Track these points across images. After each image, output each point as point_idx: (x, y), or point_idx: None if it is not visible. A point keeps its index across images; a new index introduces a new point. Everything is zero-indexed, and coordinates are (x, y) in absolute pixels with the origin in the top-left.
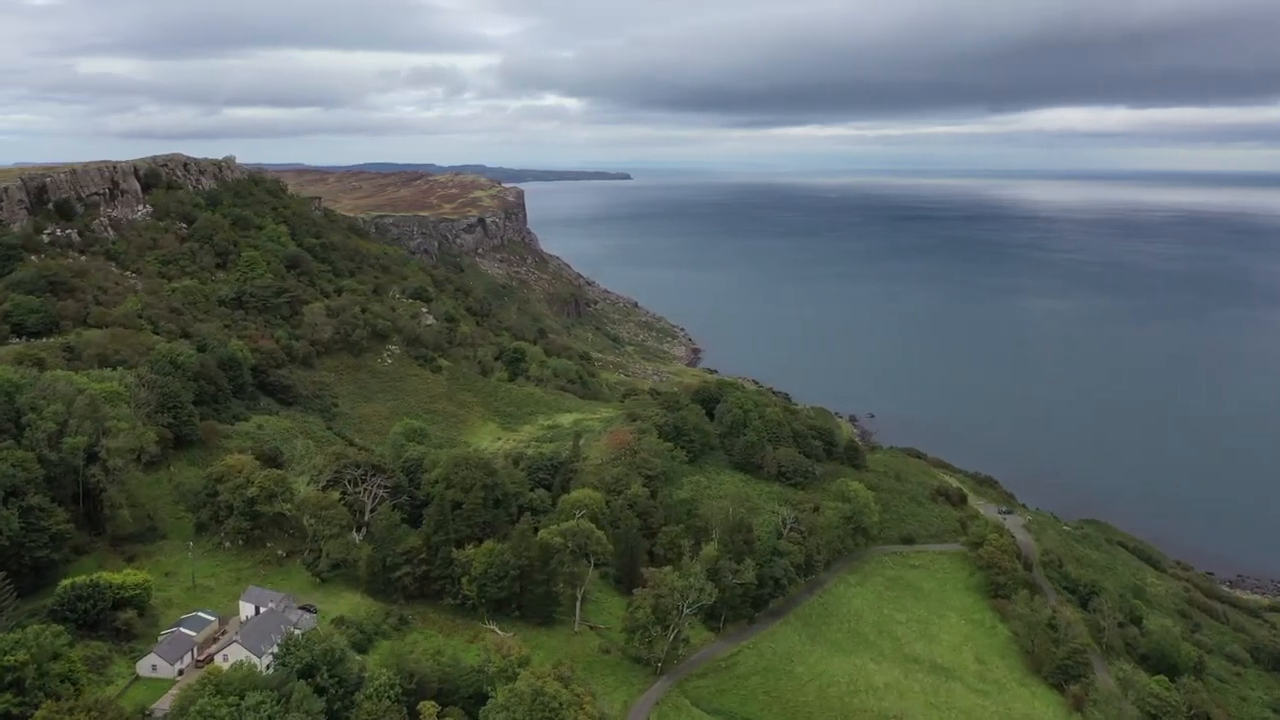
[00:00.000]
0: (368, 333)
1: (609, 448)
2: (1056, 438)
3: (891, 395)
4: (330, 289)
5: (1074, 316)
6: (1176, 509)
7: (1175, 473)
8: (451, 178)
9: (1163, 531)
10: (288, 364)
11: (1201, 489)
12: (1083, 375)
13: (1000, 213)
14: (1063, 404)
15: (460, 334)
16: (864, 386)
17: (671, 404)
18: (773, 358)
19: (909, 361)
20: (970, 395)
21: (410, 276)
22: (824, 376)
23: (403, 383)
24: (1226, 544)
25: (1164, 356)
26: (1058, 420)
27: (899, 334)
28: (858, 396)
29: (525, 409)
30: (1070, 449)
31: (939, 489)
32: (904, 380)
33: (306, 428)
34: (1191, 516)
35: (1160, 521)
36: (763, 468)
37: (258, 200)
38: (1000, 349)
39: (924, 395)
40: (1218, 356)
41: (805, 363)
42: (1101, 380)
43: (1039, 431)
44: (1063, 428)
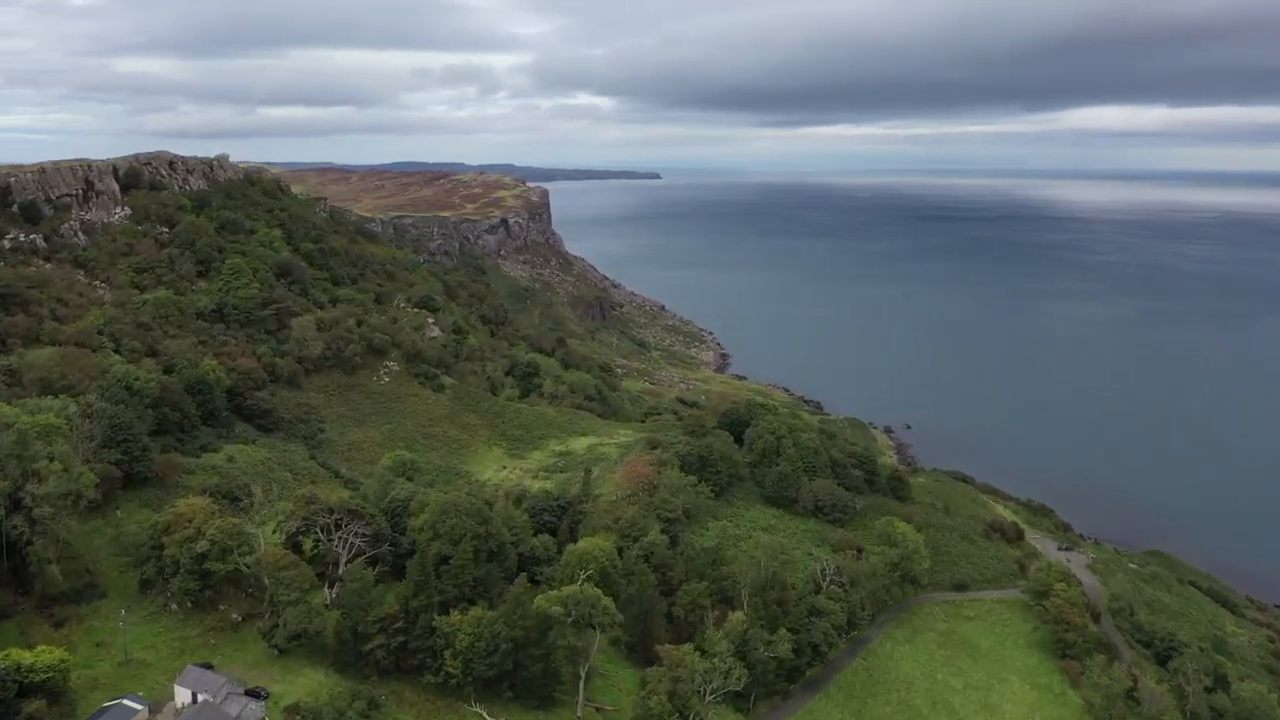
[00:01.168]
0: (362, 348)
1: (625, 482)
2: (1108, 454)
3: (928, 405)
4: (325, 299)
5: (1117, 321)
6: (1240, 533)
7: (1237, 492)
8: (475, 177)
9: (1230, 559)
10: (269, 384)
11: (1265, 510)
12: (1133, 385)
13: (1035, 213)
14: (1112, 416)
15: (468, 347)
16: (899, 395)
17: (696, 428)
18: (803, 364)
19: (945, 368)
20: (1012, 405)
21: (418, 283)
22: (857, 384)
23: (400, 403)
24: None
25: (1215, 365)
26: (1108, 434)
27: (934, 339)
28: (893, 406)
29: (536, 432)
30: (1124, 467)
31: (992, 523)
32: (941, 388)
33: (286, 458)
34: (1257, 541)
35: (1226, 548)
36: (797, 502)
37: (252, 202)
38: (1042, 355)
39: (963, 405)
40: (1276, 366)
41: (837, 369)
42: (1153, 391)
43: (1089, 447)
44: (1114, 442)
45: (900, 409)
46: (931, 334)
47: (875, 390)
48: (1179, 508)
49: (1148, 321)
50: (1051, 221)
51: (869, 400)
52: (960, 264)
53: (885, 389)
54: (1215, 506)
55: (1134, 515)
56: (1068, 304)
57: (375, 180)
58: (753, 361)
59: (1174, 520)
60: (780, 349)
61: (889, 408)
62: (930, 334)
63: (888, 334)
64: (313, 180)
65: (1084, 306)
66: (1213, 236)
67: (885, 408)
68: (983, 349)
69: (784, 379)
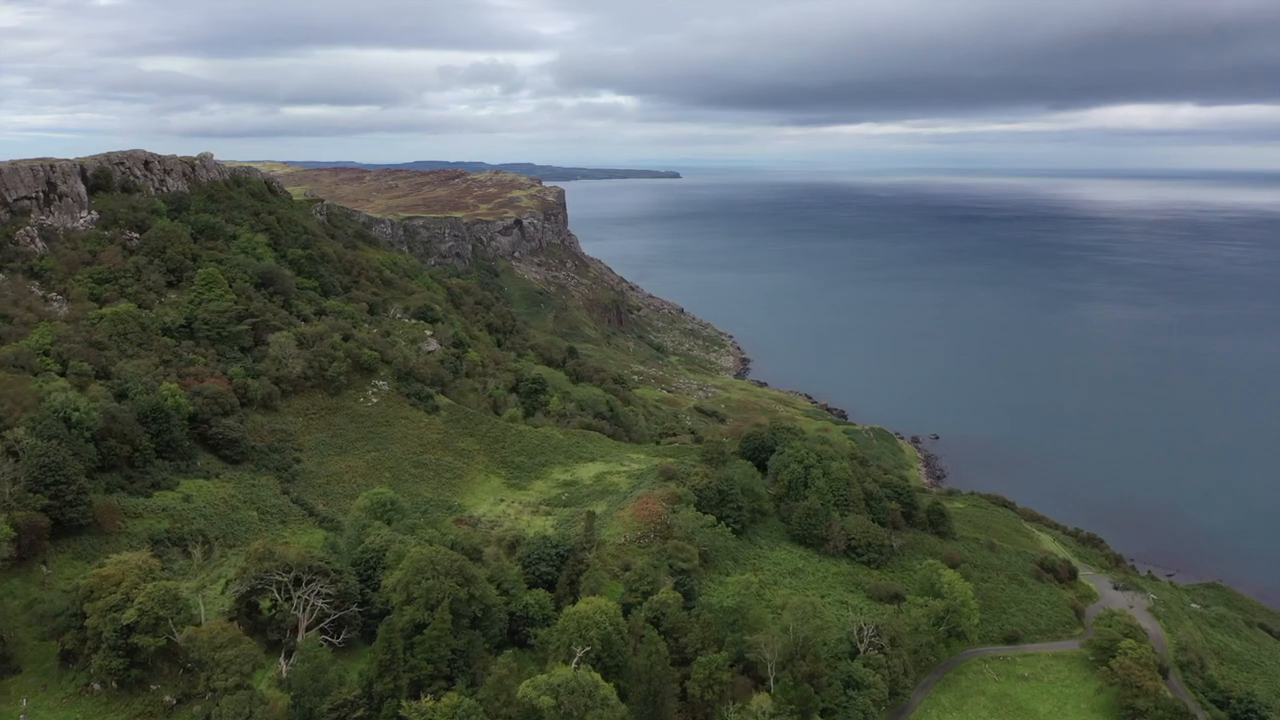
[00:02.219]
0: (348, 366)
1: (635, 521)
2: (1151, 469)
3: (956, 413)
4: (310, 311)
5: (1153, 326)
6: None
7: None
8: (490, 176)
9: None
10: (239, 409)
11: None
12: (1174, 394)
13: (1061, 213)
14: (1154, 428)
15: (469, 362)
16: (925, 403)
17: (715, 455)
18: (826, 369)
19: (974, 375)
20: (1045, 415)
21: (418, 291)
22: (882, 391)
23: (389, 427)
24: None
25: (1259, 374)
26: (1150, 447)
27: (961, 343)
28: (919, 415)
29: (538, 458)
30: (1168, 483)
31: (1043, 561)
32: (969, 396)
33: (254, 494)
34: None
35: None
36: (828, 541)
37: (236, 205)
38: (1075, 362)
39: (993, 414)
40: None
41: (861, 375)
42: (1196, 401)
43: (1130, 461)
44: (1156, 456)
45: (927, 418)
46: (959, 339)
47: (901, 398)
48: (1231, 530)
49: (1185, 326)
50: (1079, 222)
51: (894, 408)
52: (987, 265)
53: (911, 396)
54: (1272, 529)
55: (1183, 539)
56: (1100, 308)
57: (389, 180)
58: (774, 366)
59: (1228, 545)
60: (802, 353)
61: (915, 416)
62: (958, 339)
63: (914, 338)
64: (326, 180)
65: (1117, 310)
66: (1245, 237)
67: (911, 416)
68: (1013, 355)
69: (806, 385)
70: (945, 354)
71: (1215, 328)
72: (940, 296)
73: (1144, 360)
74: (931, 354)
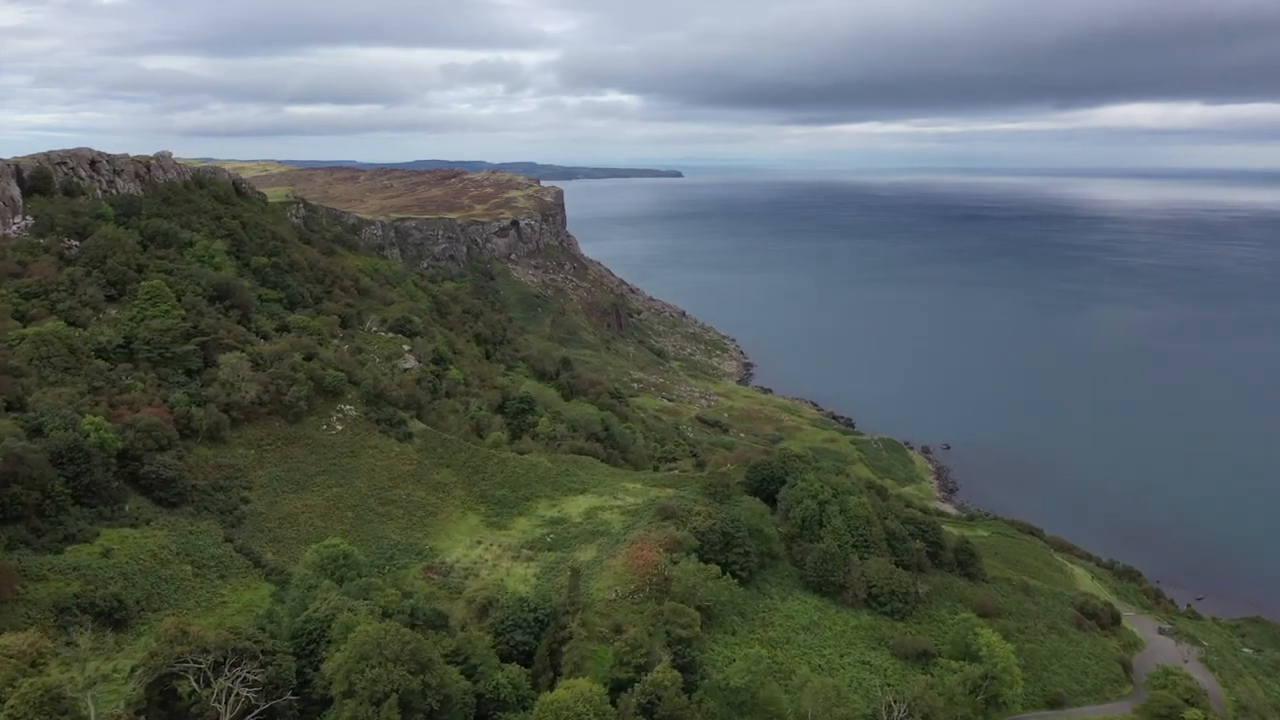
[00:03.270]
0: (310, 389)
1: (628, 572)
2: (1169, 480)
3: (966, 420)
4: (271, 327)
5: (1166, 328)
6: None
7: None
8: (487, 176)
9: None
10: (179, 443)
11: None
12: (1189, 400)
13: (1066, 213)
14: (1169, 435)
15: (450, 381)
16: (935, 410)
17: (718, 489)
18: (831, 374)
19: (984, 380)
20: (1058, 422)
21: (399, 300)
22: (890, 397)
23: (355, 459)
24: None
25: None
26: (1166, 456)
27: (968, 346)
28: (929, 423)
29: (523, 490)
30: (1188, 496)
31: (1083, 606)
32: (980, 403)
33: (191, 543)
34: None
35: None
36: (846, 588)
37: (196, 208)
38: (1087, 365)
39: (1005, 422)
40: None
41: (868, 380)
42: (1212, 406)
43: (1146, 470)
44: (1173, 466)
45: (936, 425)
46: (966, 342)
47: (910, 404)
48: (1255, 546)
49: (1199, 329)
50: (1084, 221)
51: (903, 416)
52: (992, 266)
53: (920, 403)
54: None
55: (1205, 554)
56: (1110, 309)
57: (384, 179)
58: (778, 371)
59: (1252, 562)
60: (806, 357)
61: (925, 424)
62: (965, 342)
63: (919, 341)
64: (321, 179)
65: (1127, 312)
66: (1254, 237)
67: (921, 424)
68: (1022, 358)
69: (811, 392)
70: (952, 358)
71: (1230, 330)
72: (946, 297)
73: (1157, 364)
74: (938, 358)
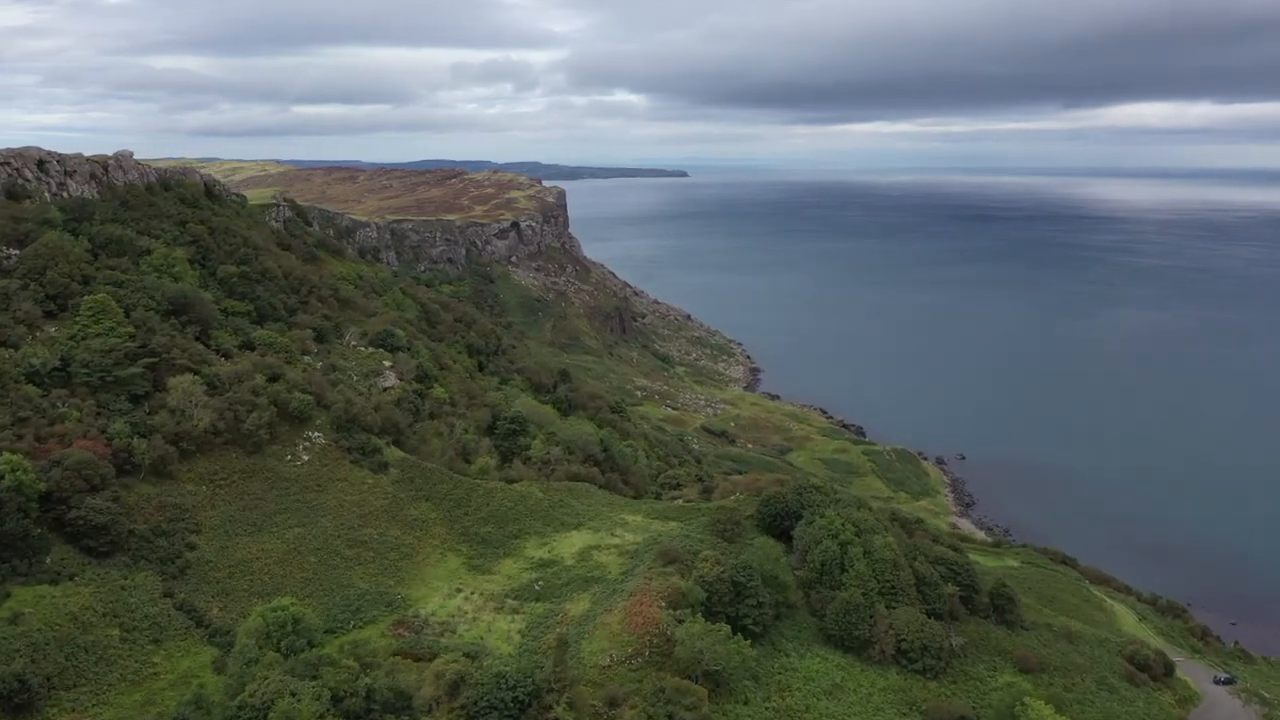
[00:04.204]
0: (272, 415)
1: (625, 631)
2: (1190, 492)
3: (981, 428)
4: (234, 344)
5: (1181, 332)
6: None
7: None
8: (488, 176)
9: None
10: (117, 481)
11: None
12: (1208, 407)
13: (1074, 213)
14: (1188, 444)
15: (433, 400)
16: (948, 418)
17: (727, 527)
18: (839, 380)
19: (994, 384)
20: (1076, 430)
21: (381, 311)
22: (901, 404)
23: (321, 494)
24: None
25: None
26: (1185, 465)
27: (979, 350)
28: (942, 430)
29: (511, 526)
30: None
31: (1133, 656)
32: (991, 408)
33: (121, 602)
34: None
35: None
36: (873, 643)
37: (159, 213)
38: (1102, 370)
39: (1018, 429)
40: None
41: (878, 386)
42: (1230, 414)
43: (1176, 485)
44: (1193, 476)
45: (951, 434)
46: (978, 346)
47: (921, 411)
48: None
49: (1216, 332)
50: (1093, 221)
51: (915, 423)
52: (1001, 267)
53: (932, 410)
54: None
55: (1229, 571)
56: (1123, 311)
57: (383, 180)
58: (785, 377)
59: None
60: (814, 362)
61: (938, 433)
62: (977, 346)
63: (930, 346)
64: (319, 179)
65: (1141, 314)
66: (1264, 237)
67: (934, 433)
68: (1036, 364)
69: (820, 398)
70: (963, 362)
71: (1246, 333)
72: (955, 299)
73: (1174, 368)
74: (948, 361)
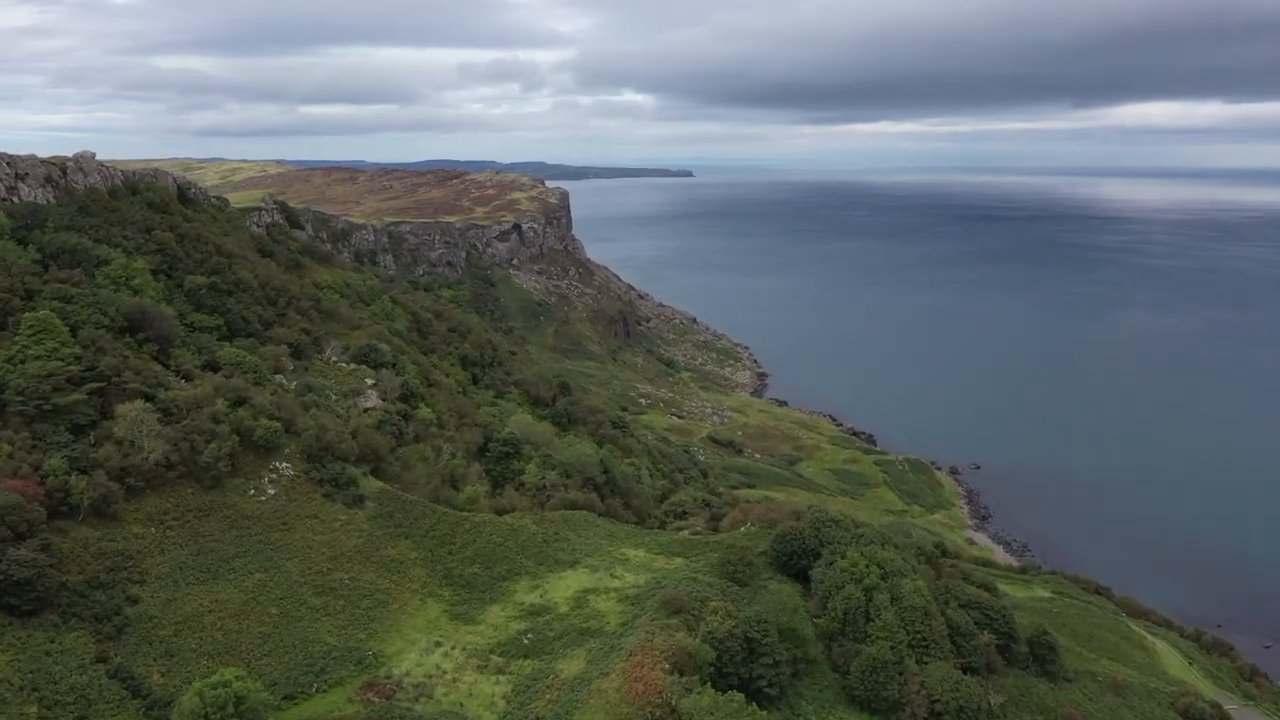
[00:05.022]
0: (234, 444)
1: (624, 704)
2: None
3: (994, 434)
4: (197, 364)
5: (1197, 334)
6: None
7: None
8: (490, 176)
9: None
10: (49, 525)
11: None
12: (1238, 415)
13: (1082, 212)
14: (1211, 452)
15: (419, 422)
16: (958, 421)
17: (738, 569)
18: (847, 384)
19: (1005, 388)
20: (1093, 437)
21: (366, 324)
22: (911, 411)
23: (287, 533)
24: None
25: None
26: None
27: (989, 353)
28: (954, 438)
29: (499, 566)
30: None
31: (1187, 710)
32: (1004, 414)
33: (44, 670)
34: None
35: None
36: (903, 705)
37: (121, 218)
38: (1116, 374)
39: (1032, 436)
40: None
41: (887, 392)
42: (1253, 420)
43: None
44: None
45: (962, 441)
46: (989, 349)
47: (931, 417)
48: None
49: (1233, 335)
50: (1100, 221)
51: (925, 429)
52: (1009, 267)
53: (942, 415)
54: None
55: (1256, 585)
56: (1134, 313)
57: (384, 180)
58: (793, 382)
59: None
60: (822, 366)
61: (950, 440)
62: (987, 349)
63: (940, 349)
64: (319, 180)
65: (1153, 316)
66: (1275, 238)
67: (946, 440)
68: (1047, 367)
69: (828, 404)
70: (972, 365)
71: (1264, 335)
72: (963, 301)
73: (1190, 371)
74: (957, 365)
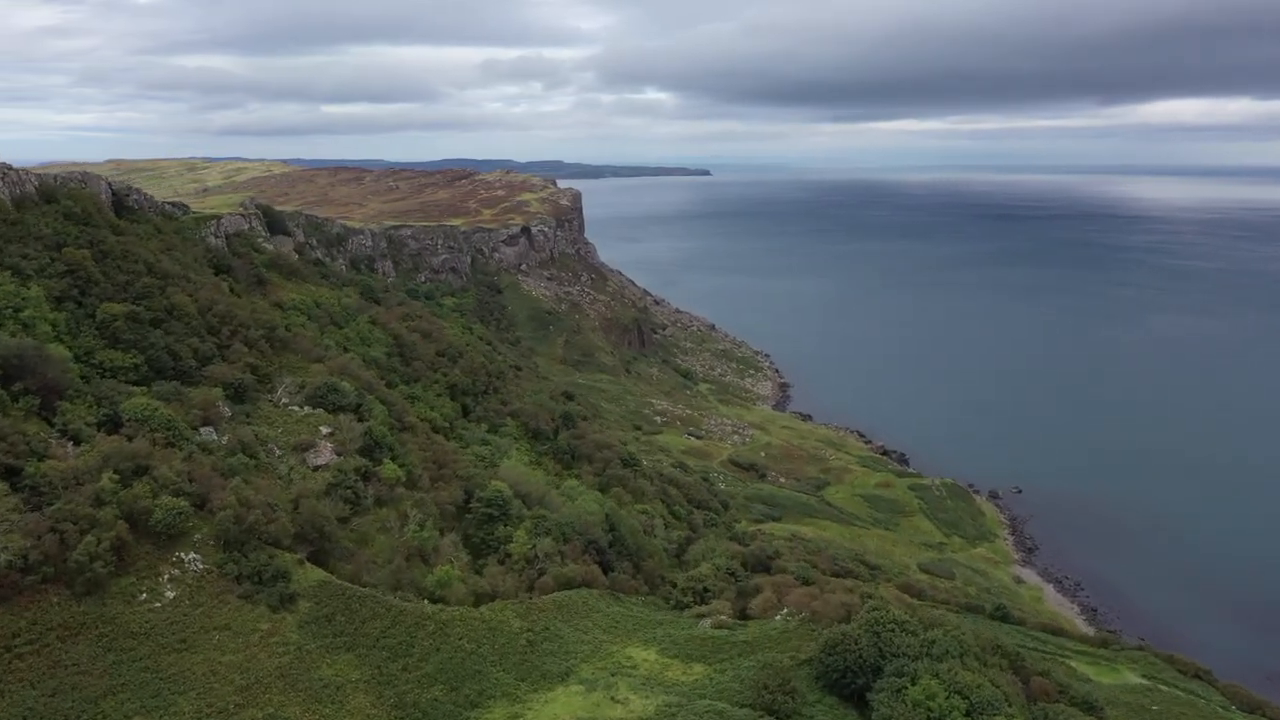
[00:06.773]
0: (120, 535)
1: None
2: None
3: (1034, 453)
4: (92, 419)
5: (1244, 343)
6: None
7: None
8: (500, 176)
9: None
10: None
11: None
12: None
13: (1108, 211)
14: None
15: (383, 481)
16: (993, 439)
17: (775, 693)
18: (873, 395)
19: (1044, 401)
20: (1143, 453)
21: (330, 355)
22: (940, 424)
23: (184, 656)
24: None
25: None
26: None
27: (1026, 361)
28: (990, 456)
29: (470, 685)
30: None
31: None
32: (1045, 428)
33: None
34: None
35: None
36: None
37: (29, 233)
38: (1158, 385)
39: (1078, 453)
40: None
41: (917, 404)
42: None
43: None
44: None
45: (999, 461)
46: (1021, 357)
47: (964, 432)
48: None
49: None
50: (1127, 220)
51: (960, 448)
52: (1036, 269)
53: (976, 432)
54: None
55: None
56: (1171, 318)
57: (390, 180)
58: (817, 393)
59: None
60: (846, 375)
61: (986, 459)
62: (1020, 357)
63: (970, 357)
64: (323, 180)
65: (1191, 321)
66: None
67: (982, 459)
68: (1086, 378)
69: (855, 418)
70: (1002, 374)
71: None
72: (992, 304)
73: (1241, 384)
74: (990, 375)
